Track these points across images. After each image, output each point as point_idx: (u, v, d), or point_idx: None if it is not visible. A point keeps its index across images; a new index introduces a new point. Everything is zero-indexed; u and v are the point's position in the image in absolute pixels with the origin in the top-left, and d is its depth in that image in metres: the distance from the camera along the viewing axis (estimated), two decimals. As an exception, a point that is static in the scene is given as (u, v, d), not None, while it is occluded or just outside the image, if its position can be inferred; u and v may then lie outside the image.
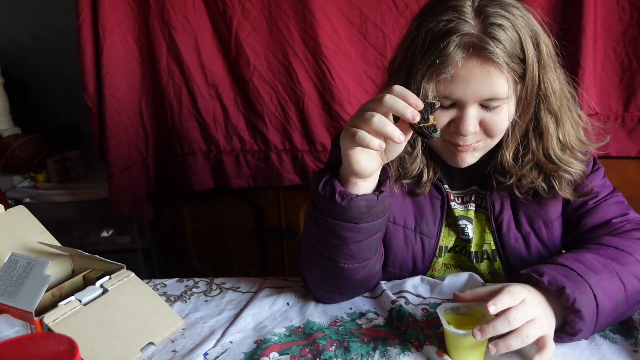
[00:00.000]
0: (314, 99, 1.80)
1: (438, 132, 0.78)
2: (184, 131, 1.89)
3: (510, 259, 1.01)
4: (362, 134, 0.77)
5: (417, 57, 0.87)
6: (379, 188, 0.86)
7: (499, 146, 0.95)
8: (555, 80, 0.90)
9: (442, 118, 0.89)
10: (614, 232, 0.95)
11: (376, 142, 0.77)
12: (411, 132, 0.81)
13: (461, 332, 0.75)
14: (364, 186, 0.85)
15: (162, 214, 2.08)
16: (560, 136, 0.93)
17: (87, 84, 1.79)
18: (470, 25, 0.84)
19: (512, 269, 1.01)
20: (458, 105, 0.88)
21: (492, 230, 1.01)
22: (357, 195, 0.82)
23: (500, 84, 0.85)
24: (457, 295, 0.83)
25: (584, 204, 0.99)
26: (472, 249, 1.03)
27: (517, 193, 0.97)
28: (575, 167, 0.95)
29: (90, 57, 1.77)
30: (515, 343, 0.74)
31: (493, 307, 0.74)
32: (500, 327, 0.74)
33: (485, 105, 0.87)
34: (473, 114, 0.87)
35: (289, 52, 1.77)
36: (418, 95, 0.83)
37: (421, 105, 0.76)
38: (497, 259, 1.02)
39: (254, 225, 2.05)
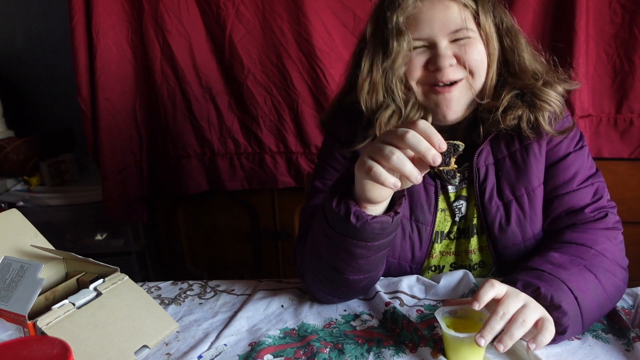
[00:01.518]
0: (308, 102, 1.81)
1: (457, 179, 0.75)
2: (178, 134, 1.89)
3: (491, 227, 1.01)
4: (378, 170, 0.74)
5: (383, 22, 0.97)
6: (392, 207, 0.85)
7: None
8: (507, 15, 1.00)
9: (418, 61, 0.96)
10: (582, 221, 0.97)
11: (391, 180, 0.74)
12: (428, 169, 0.76)
13: (461, 335, 0.74)
14: (376, 209, 0.83)
15: (156, 216, 2.08)
16: (528, 64, 1.00)
17: (81, 86, 1.79)
18: None
19: (494, 241, 1.02)
20: (430, 46, 0.96)
21: (476, 197, 1.02)
22: (373, 217, 0.80)
23: (460, 15, 0.95)
24: (448, 302, 0.84)
25: (565, 185, 1.00)
26: (462, 226, 1.04)
27: (502, 125, 0.97)
28: (552, 97, 0.98)
29: (83, 59, 1.77)
30: (516, 331, 0.74)
31: (477, 304, 0.75)
32: (495, 324, 0.74)
33: (455, 39, 0.96)
34: (446, 46, 0.95)
35: (283, 55, 1.77)
36: (400, 39, 0.94)
37: (444, 147, 0.73)
38: (483, 232, 1.03)
39: (248, 227, 2.05)
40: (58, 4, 2.20)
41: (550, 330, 0.76)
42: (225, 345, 0.87)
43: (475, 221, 1.04)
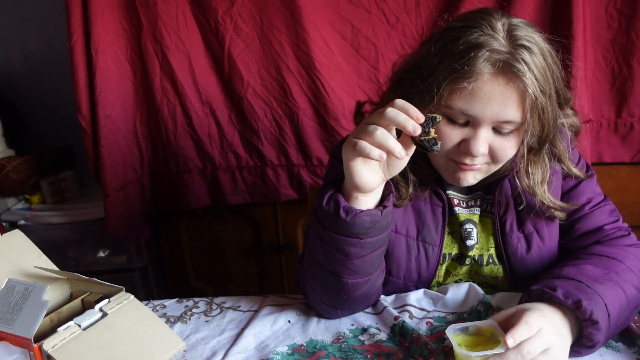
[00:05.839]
0: (309, 114, 1.81)
1: (439, 145, 0.78)
2: (179, 149, 1.89)
3: (512, 258, 1.01)
4: (363, 143, 0.77)
5: (442, 61, 0.86)
6: (382, 203, 0.86)
7: None
8: (556, 108, 0.91)
9: (453, 137, 0.89)
10: (605, 238, 0.97)
11: (376, 152, 0.77)
12: (413, 148, 0.81)
13: (473, 354, 0.73)
14: (366, 201, 0.85)
15: (158, 232, 2.07)
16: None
17: (81, 104, 1.79)
18: (500, 43, 0.84)
19: (513, 271, 1.01)
20: (472, 124, 0.88)
21: (496, 231, 1.01)
22: (362, 211, 0.82)
23: (519, 109, 0.85)
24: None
25: (581, 209, 1.00)
26: (476, 253, 1.03)
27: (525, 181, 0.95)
28: (563, 146, 0.97)
29: (83, 77, 1.77)
30: None
31: (512, 340, 0.73)
32: (514, 359, 0.73)
33: (498, 129, 0.88)
34: (486, 135, 0.88)
35: (282, 68, 1.78)
36: (434, 98, 0.86)
37: (422, 118, 0.77)
38: (499, 263, 1.02)
39: (251, 241, 2.04)
40: (55, 22, 2.21)
41: None
42: (233, 363, 0.86)
43: (492, 251, 1.02)
